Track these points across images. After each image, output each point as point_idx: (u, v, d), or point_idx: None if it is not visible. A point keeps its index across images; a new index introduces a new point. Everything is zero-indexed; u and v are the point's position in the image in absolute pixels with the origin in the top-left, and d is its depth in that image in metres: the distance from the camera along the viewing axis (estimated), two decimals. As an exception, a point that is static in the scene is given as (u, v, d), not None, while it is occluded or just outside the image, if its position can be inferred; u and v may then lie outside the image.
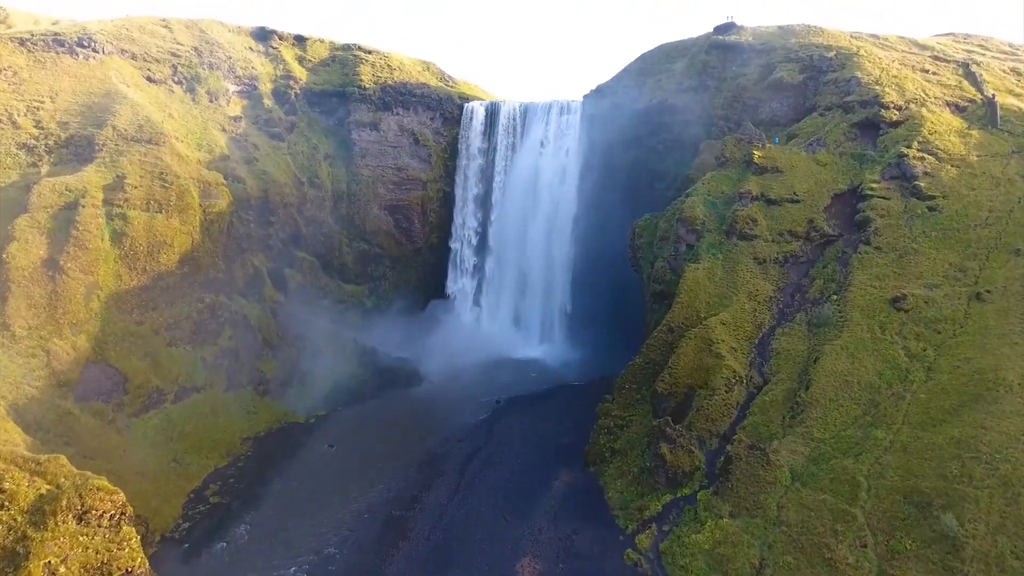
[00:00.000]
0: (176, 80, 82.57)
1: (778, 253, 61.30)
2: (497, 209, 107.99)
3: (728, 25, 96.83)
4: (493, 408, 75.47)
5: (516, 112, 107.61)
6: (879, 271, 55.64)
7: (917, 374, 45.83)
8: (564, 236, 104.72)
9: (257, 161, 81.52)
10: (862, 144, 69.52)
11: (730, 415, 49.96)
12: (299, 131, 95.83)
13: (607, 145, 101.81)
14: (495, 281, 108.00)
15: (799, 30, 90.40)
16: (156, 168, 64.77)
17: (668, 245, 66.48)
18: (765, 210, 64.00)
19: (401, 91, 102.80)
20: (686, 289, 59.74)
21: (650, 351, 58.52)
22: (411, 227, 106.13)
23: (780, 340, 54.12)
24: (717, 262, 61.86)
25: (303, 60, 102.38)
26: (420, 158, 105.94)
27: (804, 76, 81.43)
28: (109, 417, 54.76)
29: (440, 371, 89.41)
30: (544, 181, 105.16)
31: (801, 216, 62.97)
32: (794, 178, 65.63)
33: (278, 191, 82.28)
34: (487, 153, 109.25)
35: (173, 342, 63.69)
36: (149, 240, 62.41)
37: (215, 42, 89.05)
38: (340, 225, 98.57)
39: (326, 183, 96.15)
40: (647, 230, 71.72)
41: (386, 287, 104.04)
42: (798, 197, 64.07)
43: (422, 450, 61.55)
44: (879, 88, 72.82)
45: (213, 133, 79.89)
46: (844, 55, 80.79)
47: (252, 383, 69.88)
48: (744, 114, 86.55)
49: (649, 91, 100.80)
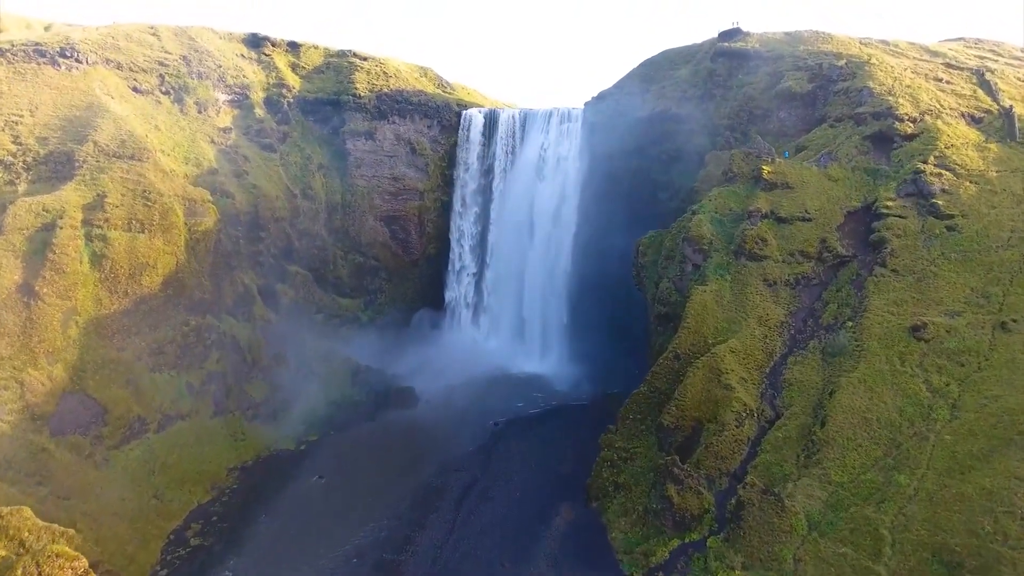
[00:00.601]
0: (163, 90, 79.78)
1: (789, 275, 58.50)
2: (496, 218, 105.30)
3: (734, 31, 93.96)
4: (491, 432, 72.78)
5: (515, 119, 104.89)
6: (896, 296, 52.82)
7: (941, 412, 43.03)
8: (565, 246, 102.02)
9: (247, 174, 78.74)
10: (875, 158, 66.70)
11: (741, 452, 47.20)
12: (292, 141, 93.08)
13: (608, 154, 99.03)
14: (494, 293, 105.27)
15: (807, 36, 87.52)
16: (139, 186, 62.00)
17: (674, 265, 63.69)
18: (775, 228, 61.20)
19: (397, 99, 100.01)
20: (693, 313, 56.96)
21: (655, 379, 55.73)
22: (408, 238, 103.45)
23: (793, 370, 51.32)
24: (725, 284, 59.08)
25: (296, 67, 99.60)
26: (417, 167, 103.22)
27: (813, 85, 78.58)
28: (86, 451, 52.05)
29: (437, 389, 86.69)
30: (544, 190, 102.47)
31: (813, 235, 60.17)
32: (805, 195, 62.81)
33: (269, 205, 79.52)
34: (486, 161, 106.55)
35: (157, 368, 60.97)
36: (131, 262, 59.66)
37: (205, 50, 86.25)
38: (334, 238, 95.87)
39: (320, 194, 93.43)
40: (651, 248, 68.92)
41: (382, 300, 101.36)
42: (809, 215, 61.26)
43: (416, 482, 58.79)
44: (892, 99, 70.00)
45: (201, 145, 77.13)
46: (855, 63, 77.93)
47: (240, 408, 67.20)
48: (751, 124, 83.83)
49: (652, 99, 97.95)
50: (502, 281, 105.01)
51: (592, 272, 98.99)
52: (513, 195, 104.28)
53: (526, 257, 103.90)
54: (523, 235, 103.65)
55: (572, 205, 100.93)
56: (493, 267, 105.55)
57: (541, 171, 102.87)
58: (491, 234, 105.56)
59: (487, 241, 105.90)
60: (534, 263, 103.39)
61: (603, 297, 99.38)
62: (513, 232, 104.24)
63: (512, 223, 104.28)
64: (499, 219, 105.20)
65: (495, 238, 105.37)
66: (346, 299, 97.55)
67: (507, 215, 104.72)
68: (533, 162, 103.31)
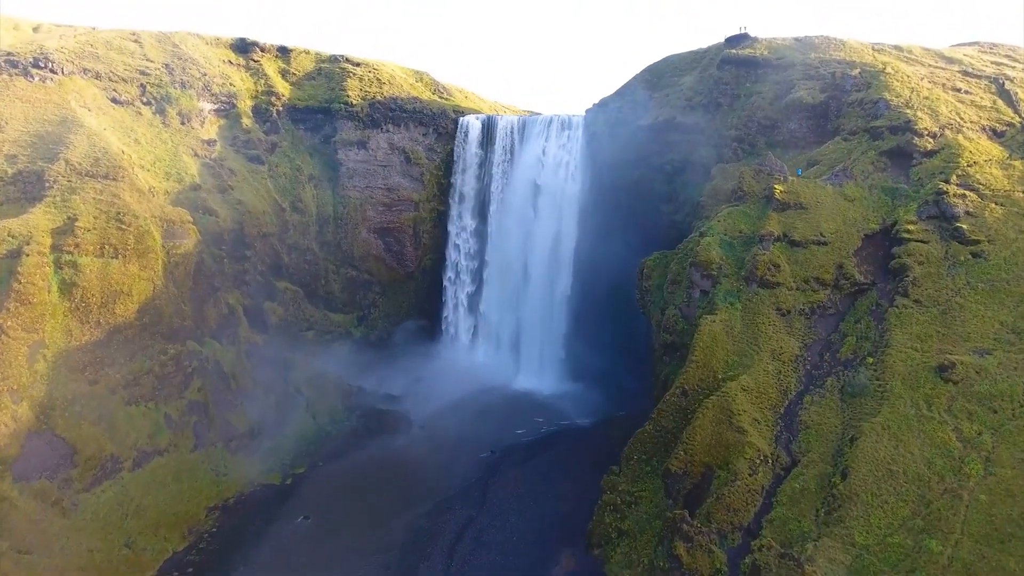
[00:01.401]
0: (145, 101, 76.09)
1: (804, 304, 54.99)
2: (494, 229, 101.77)
3: (741, 36, 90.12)
4: (487, 462, 69.38)
5: (514, 126, 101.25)
6: (920, 330, 49.31)
7: (974, 466, 39.58)
8: (565, 257, 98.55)
9: (232, 189, 75.13)
10: (893, 176, 63.14)
11: (754, 503, 43.76)
12: (281, 151, 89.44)
13: (610, 163, 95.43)
14: (491, 306, 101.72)
15: (818, 43, 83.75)
16: (113, 207, 58.41)
17: (680, 290, 60.16)
18: (788, 253, 57.64)
19: (391, 106, 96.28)
20: (701, 346, 53.43)
21: (661, 418, 52.26)
22: (402, 250, 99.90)
23: (810, 411, 47.84)
24: (735, 313, 55.55)
25: (287, 74, 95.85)
26: (412, 177, 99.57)
27: (826, 96, 74.88)
28: (53, 497, 48.67)
29: (431, 410, 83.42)
30: (544, 200, 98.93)
31: (829, 261, 56.63)
32: (820, 216, 59.23)
33: (254, 222, 75.89)
34: (483, 170, 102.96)
35: (133, 400, 57.54)
36: (103, 290, 56.15)
37: (189, 58, 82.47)
38: (326, 251, 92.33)
39: (310, 207, 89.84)
40: (656, 270, 65.33)
41: (375, 315, 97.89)
42: (825, 238, 57.69)
43: (407, 523, 55.39)
44: (910, 112, 66.37)
45: (184, 159, 73.50)
46: (869, 72, 74.24)
47: (223, 439, 63.77)
48: (759, 135, 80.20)
49: (656, 106, 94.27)
50: (500, 294, 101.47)
51: (593, 285, 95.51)
52: (512, 205, 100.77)
53: (525, 269, 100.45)
54: (522, 246, 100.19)
55: (572, 216, 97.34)
56: (490, 279, 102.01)
57: (540, 180, 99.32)
58: (488, 245, 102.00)
59: (484, 252, 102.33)
60: (533, 275, 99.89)
61: (604, 311, 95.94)
62: (511, 243, 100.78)
63: (511, 233, 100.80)
64: (497, 230, 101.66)
65: (492, 249, 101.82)
66: (338, 314, 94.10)
67: (505, 225, 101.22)
68: (532, 171, 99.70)
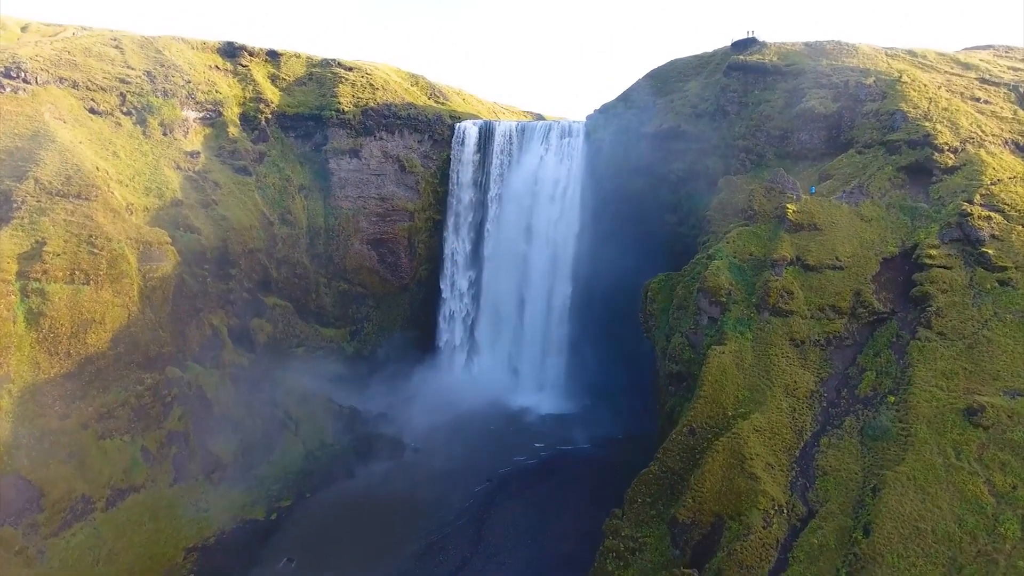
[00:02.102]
0: (125, 111, 72.57)
1: (819, 334, 51.63)
2: (492, 239, 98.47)
3: (748, 41, 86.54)
4: (484, 491, 66.24)
5: (512, 132, 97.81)
6: (946, 366, 45.97)
7: (1010, 526, 36.35)
8: (565, 269, 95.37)
9: (216, 204, 71.68)
10: (912, 194, 59.70)
11: (768, 559, 40.51)
12: (270, 161, 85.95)
13: (612, 172, 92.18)
14: (489, 319, 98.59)
15: (829, 48, 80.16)
16: (84, 230, 55.03)
17: (687, 317, 56.79)
18: (802, 278, 54.25)
19: (385, 113, 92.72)
20: (710, 379, 50.13)
21: (667, 458, 48.97)
22: (397, 262, 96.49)
23: (827, 455, 44.55)
24: (746, 343, 52.21)
25: (276, 79, 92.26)
26: (407, 186, 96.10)
27: (839, 106, 71.35)
28: (17, 546, 45.52)
29: (425, 430, 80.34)
30: (543, 210, 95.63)
31: (845, 287, 53.24)
32: (835, 238, 55.82)
33: (240, 238, 72.43)
34: (481, 178, 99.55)
35: (107, 434, 54.35)
36: (74, 319, 52.86)
37: (172, 64, 78.87)
38: (317, 264, 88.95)
39: (300, 219, 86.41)
40: (661, 293, 61.94)
41: (369, 329, 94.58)
42: (841, 263, 54.30)
43: (398, 568, 52.24)
44: (929, 125, 62.88)
45: (165, 173, 70.04)
46: (884, 81, 70.68)
47: (205, 470, 60.62)
48: (768, 146, 76.78)
49: (660, 113, 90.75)
50: (498, 307, 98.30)
51: (594, 297, 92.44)
52: (510, 214, 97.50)
53: (524, 281, 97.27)
54: (521, 257, 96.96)
55: (573, 225, 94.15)
56: (488, 292, 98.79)
57: (539, 188, 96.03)
58: (486, 256, 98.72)
59: (482, 264, 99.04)
60: (532, 287, 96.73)
61: (606, 324, 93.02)
62: (510, 254, 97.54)
63: (509, 244, 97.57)
64: (495, 240, 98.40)
65: (491, 260, 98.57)
66: (330, 329, 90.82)
67: (504, 235, 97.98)
68: (531, 179, 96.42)
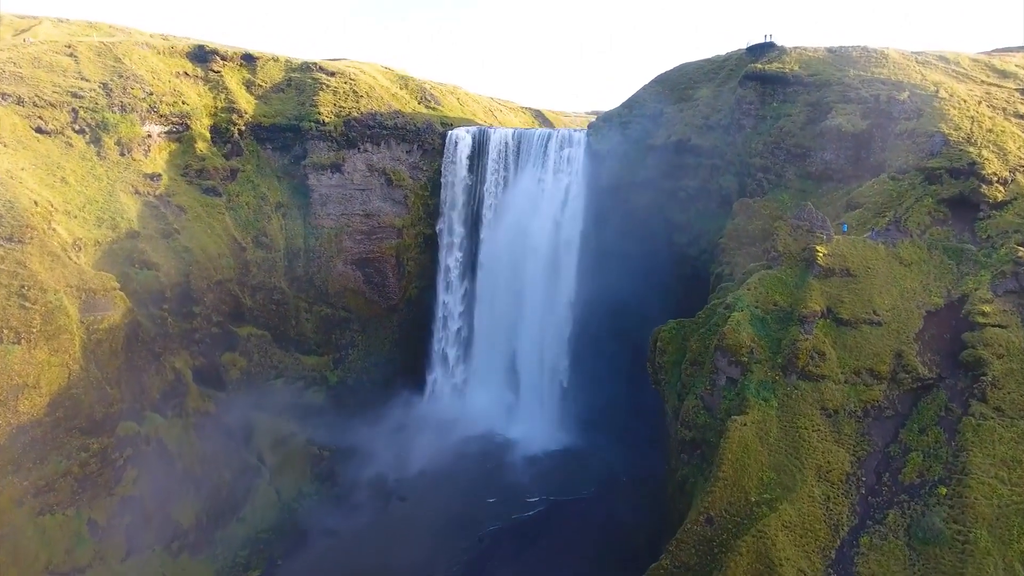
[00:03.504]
0: (77, 129, 65.46)
1: (855, 403, 45.09)
2: (487, 258, 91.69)
3: (766, 46, 79.04)
4: (475, 551, 60.23)
5: (508, 141, 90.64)
6: (1007, 452, 39.56)
7: (1101, 677, 30.09)
8: (565, 290, 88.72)
9: (179, 233, 64.84)
10: (957, 231, 52.91)
11: None
12: (244, 177, 78.95)
13: (616, 186, 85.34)
14: (484, 343, 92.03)
15: (856, 56, 72.71)
16: (15, 280, 48.23)
17: (702, 375, 50.12)
18: (835, 334, 47.58)
19: (369, 123, 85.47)
20: (730, 459, 43.59)
21: (681, 551, 42.57)
22: (384, 282, 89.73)
23: (868, 559, 38.19)
24: (771, 411, 45.62)
25: (252, 85, 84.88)
26: (394, 200, 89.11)
27: (868, 123, 64.32)
28: (-71, 660, 39.29)
29: (414, 472, 74.61)
30: (542, 226, 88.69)
31: (884, 347, 46.58)
32: (872, 286, 49.06)
33: (204, 272, 65.61)
34: (474, 190, 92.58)
35: (46, 510, 48.01)
36: (2, 384, 46.25)
37: (132, 74, 71.53)
38: (296, 288, 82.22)
39: (277, 240, 79.54)
40: (672, 343, 55.06)
41: (354, 356, 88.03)
42: (879, 317, 47.58)
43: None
44: (973, 151, 55.87)
45: (121, 200, 63.14)
46: (920, 97, 63.51)
47: (163, 540, 54.44)
48: (788, 164, 69.99)
49: (667, 123, 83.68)
50: (493, 330, 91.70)
51: (596, 319, 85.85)
52: (506, 229, 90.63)
53: (521, 302, 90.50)
54: (517, 277, 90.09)
55: (573, 243, 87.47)
56: (483, 313, 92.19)
57: (537, 202, 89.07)
58: (480, 275, 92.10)
59: (476, 283, 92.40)
60: (530, 310, 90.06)
61: (608, 349, 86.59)
62: (506, 273, 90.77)
63: (505, 262, 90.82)
64: (490, 257, 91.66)
65: (485, 279, 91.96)
66: (311, 357, 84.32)
67: (499, 253, 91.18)
68: (529, 192, 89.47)
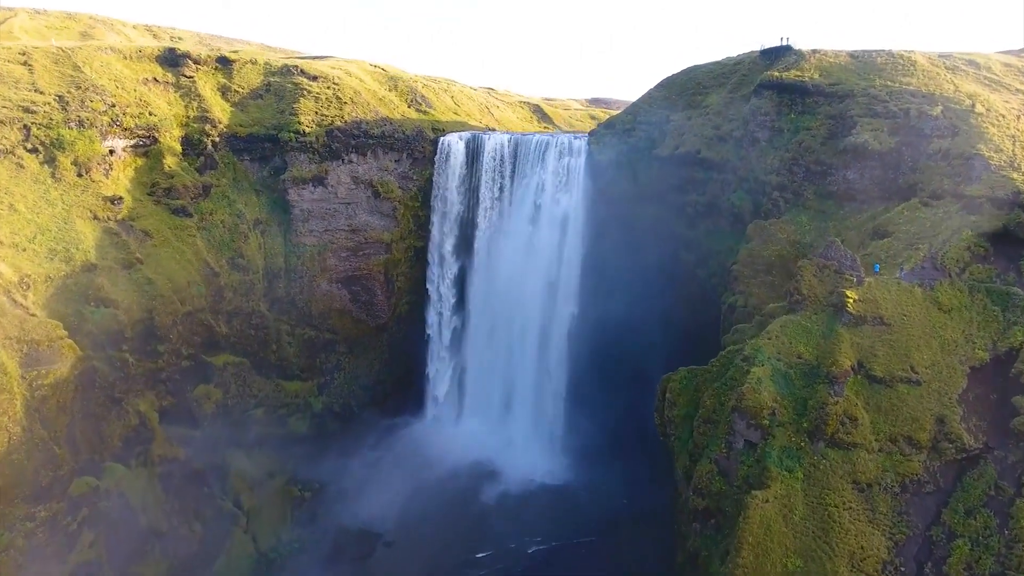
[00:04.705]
0: (29, 148, 59.64)
1: (891, 476, 39.98)
2: (481, 274, 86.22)
3: (781, 50, 73.08)
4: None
5: (504, 149, 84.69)
6: (1071, 546, 34.45)
7: None
8: (563, 311, 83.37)
9: (141, 263, 59.27)
10: (1001, 270, 47.43)
11: None
12: (219, 193, 73.21)
13: (619, 198, 79.78)
14: (477, 368, 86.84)
15: (881, 63, 66.79)
16: (-56, 334, 43.08)
17: (718, 437, 44.85)
18: (867, 393, 42.33)
19: (354, 133, 79.53)
20: (750, 541, 38.55)
21: (696, 651, 37.84)
22: (372, 300, 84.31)
23: (913, 674, 33.32)
24: (796, 484, 40.48)
25: (228, 91, 78.83)
26: (382, 214, 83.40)
27: (897, 141, 58.72)
28: None
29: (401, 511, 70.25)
30: (540, 238, 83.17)
31: (924, 410, 41.33)
32: (908, 337, 43.68)
33: (170, 306, 59.98)
34: (468, 201, 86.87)
35: (-16, 591, 43.01)
36: (-72, 455, 41.21)
37: (92, 84, 65.53)
38: (277, 311, 76.80)
39: (256, 260, 73.99)
40: (683, 395, 49.64)
41: (340, 380, 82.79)
42: (917, 374, 42.27)
43: None
44: (1018, 177, 50.38)
45: (78, 227, 57.53)
46: (955, 112, 57.82)
47: (124, 608, 49.58)
48: (807, 183, 64.65)
49: (675, 132, 77.88)
50: (487, 353, 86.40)
51: (596, 343, 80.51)
52: (502, 243, 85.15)
53: (518, 321, 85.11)
54: (514, 294, 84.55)
55: (573, 260, 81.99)
56: (476, 335, 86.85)
57: (535, 215, 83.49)
58: (473, 291, 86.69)
59: (468, 300, 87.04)
60: (527, 330, 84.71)
61: (609, 373, 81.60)
62: (502, 290, 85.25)
63: (501, 278, 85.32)
64: (484, 275, 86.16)
65: (479, 296, 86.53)
66: (295, 383, 79.06)
67: (495, 268, 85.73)
68: (526, 203, 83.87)
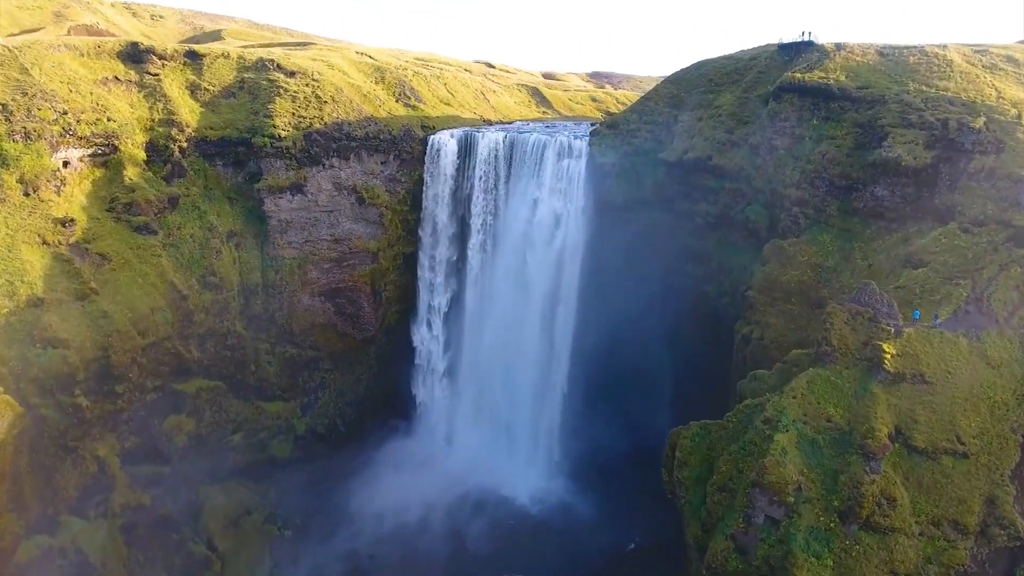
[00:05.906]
0: (-32, 166, 53.87)
1: (936, 567, 35.10)
2: (474, 286, 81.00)
3: (802, 45, 66.66)
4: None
5: (499, 147, 78.65)
6: None
7: None
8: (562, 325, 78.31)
9: (96, 294, 53.66)
10: (1055, 315, 42.03)
11: None
12: (188, 204, 67.38)
13: (623, 203, 74.61)
14: (470, 388, 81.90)
15: (913, 63, 60.39)
16: None
17: (735, 510, 39.74)
18: (907, 466, 37.25)
19: (335, 135, 73.23)
20: (775, 644, 33.88)
21: None
22: (358, 312, 78.96)
23: None
24: (825, 573, 35.64)
25: (197, 90, 72.31)
26: (368, 221, 77.56)
27: (934, 156, 52.72)
28: None
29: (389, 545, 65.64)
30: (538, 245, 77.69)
31: (971, 488, 36.32)
32: (953, 399, 38.46)
33: (128, 342, 54.52)
34: (459, 205, 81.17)
35: None
36: None
37: (41, 90, 59.20)
38: (255, 329, 71.48)
39: (230, 277, 68.40)
40: (695, 455, 44.31)
41: (325, 399, 77.88)
42: (964, 445, 37.14)
43: None
44: (1075, 205, 44.60)
45: (24, 255, 51.80)
46: (999, 124, 51.69)
47: None
48: (830, 198, 58.99)
49: (683, 134, 71.94)
50: (482, 367, 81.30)
51: (598, 360, 75.57)
52: (497, 249, 79.89)
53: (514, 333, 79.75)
54: (510, 304, 79.24)
55: (573, 271, 76.53)
56: (470, 347, 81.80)
57: (532, 219, 77.77)
58: (468, 301, 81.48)
59: (463, 311, 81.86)
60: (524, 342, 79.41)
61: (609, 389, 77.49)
62: (498, 299, 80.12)
63: (497, 286, 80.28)
64: (479, 283, 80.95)
65: (473, 310, 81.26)
66: (276, 404, 74.19)
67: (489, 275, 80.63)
68: (522, 206, 78.12)
